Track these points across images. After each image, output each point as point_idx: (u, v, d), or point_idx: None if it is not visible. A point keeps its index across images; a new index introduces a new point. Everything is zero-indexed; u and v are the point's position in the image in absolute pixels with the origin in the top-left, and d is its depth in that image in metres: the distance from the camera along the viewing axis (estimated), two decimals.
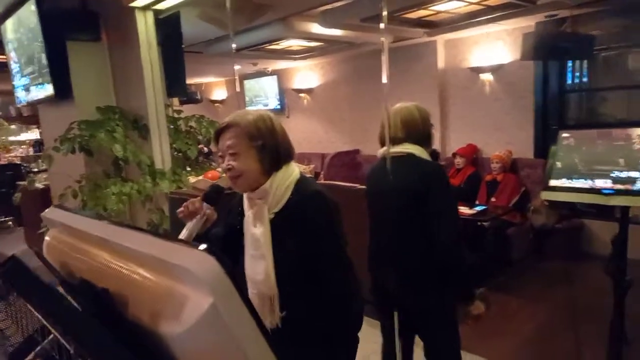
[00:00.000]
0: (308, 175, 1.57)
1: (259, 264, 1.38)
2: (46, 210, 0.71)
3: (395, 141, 1.91)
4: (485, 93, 5.42)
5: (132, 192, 2.67)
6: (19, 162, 8.23)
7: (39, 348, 0.56)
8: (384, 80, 2.08)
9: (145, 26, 2.85)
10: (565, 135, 2.08)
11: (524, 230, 4.70)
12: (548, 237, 4.72)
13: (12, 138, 9.22)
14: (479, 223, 4.44)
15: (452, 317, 2.02)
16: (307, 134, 7.62)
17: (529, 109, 5.08)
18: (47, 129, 3.67)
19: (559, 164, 2.09)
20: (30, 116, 8.81)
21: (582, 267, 4.50)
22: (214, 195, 1.37)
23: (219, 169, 2.35)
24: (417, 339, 2.15)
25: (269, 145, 1.36)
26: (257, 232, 1.38)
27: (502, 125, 5.33)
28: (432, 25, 4.80)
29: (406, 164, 1.87)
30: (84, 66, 3.05)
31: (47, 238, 0.73)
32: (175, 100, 3.96)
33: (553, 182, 2.09)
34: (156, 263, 0.46)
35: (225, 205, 1.59)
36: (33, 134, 9.45)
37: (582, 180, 2.00)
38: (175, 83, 3.43)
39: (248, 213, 1.43)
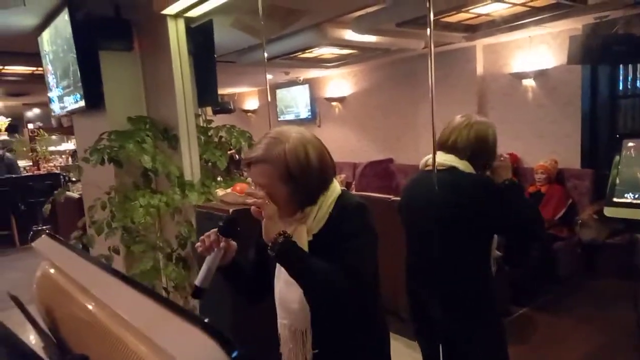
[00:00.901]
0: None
1: (294, 292, 1.25)
2: (37, 240, 0.60)
3: (447, 149, 1.76)
4: (528, 99, 5.15)
5: (161, 205, 2.60)
6: (58, 172, 8.44)
7: None
8: (431, 86, 1.92)
9: (177, 34, 2.79)
10: (631, 144, 1.86)
11: (571, 245, 4.40)
12: (598, 252, 4.39)
13: (52, 148, 9.50)
14: None
15: (502, 344, 1.85)
16: (338, 143, 7.48)
17: (575, 116, 4.78)
18: (80, 139, 3.68)
19: (621, 177, 1.87)
20: (69, 127, 9.06)
21: (639, 285, 4.15)
22: (228, 228, 1.26)
23: (249, 180, 2.24)
24: None
25: (302, 185, 1.23)
26: None
27: (545, 133, 5.05)
28: (472, 30, 4.59)
29: (451, 178, 1.72)
30: (116, 76, 3.02)
31: (39, 272, 0.62)
32: (209, 110, 3.90)
33: (617, 198, 1.87)
34: (148, 341, 0.33)
35: (255, 225, 1.47)
36: (72, 144, 9.73)
37: None
38: (206, 92, 3.37)
39: None
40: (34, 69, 5.04)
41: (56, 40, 3.15)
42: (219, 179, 3.08)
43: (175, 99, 2.78)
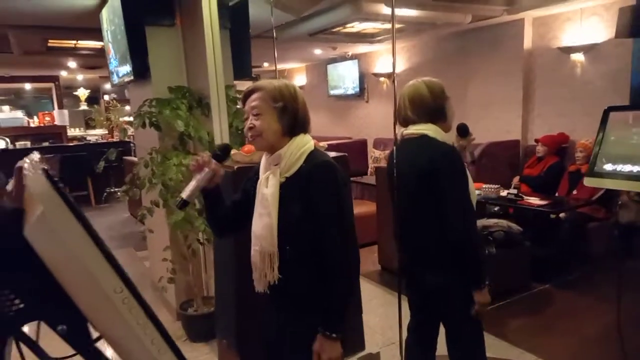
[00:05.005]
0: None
1: (264, 221, 1.48)
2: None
3: (408, 121, 1.90)
4: (576, 75, 4.96)
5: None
6: (128, 140, 9.23)
7: None
8: (393, 65, 2.05)
9: (210, 12, 3.06)
10: (613, 116, 1.90)
11: (608, 226, 4.28)
12: (637, 236, 4.24)
13: (125, 118, 10.36)
14: (552, 215, 4.14)
15: (472, 300, 1.97)
16: (386, 120, 7.55)
17: (624, 93, 4.55)
18: (133, 105, 4.14)
19: (605, 148, 1.92)
20: None
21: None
22: (219, 153, 1.51)
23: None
24: None
25: (290, 109, 1.48)
26: (266, 192, 1.48)
27: (593, 110, 4.84)
28: (518, 2, 4.48)
29: (419, 145, 1.85)
30: (160, 49, 3.37)
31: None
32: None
33: (597, 168, 1.93)
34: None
35: (244, 177, 1.73)
36: None
37: (629, 165, 1.82)
38: (241, 66, 3.67)
39: (262, 176, 1.54)
40: (103, 43, 5.58)
41: (113, 17, 3.56)
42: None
43: (207, 71, 3.07)
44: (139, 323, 0.58)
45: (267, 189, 1.49)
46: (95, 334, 0.66)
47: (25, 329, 0.67)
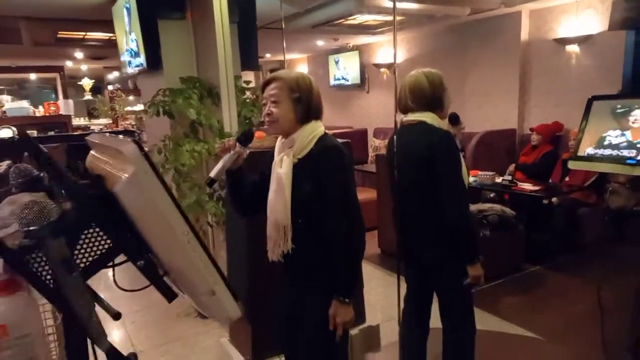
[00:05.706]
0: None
1: (278, 197, 1.66)
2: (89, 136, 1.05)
3: (407, 109, 2.06)
4: (571, 66, 5.12)
5: (202, 151, 3.12)
6: (133, 129, 9.39)
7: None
8: (394, 56, 2.20)
9: (220, 5, 3.22)
10: (596, 104, 2.08)
11: (598, 212, 4.47)
12: (627, 220, 4.43)
13: (129, 108, 10.49)
14: (544, 201, 4.32)
15: (464, 273, 2.13)
16: (386, 109, 7.71)
17: (617, 84, 4.72)
18: (144, 96, 4.31)
19: (587, 133, 2.10)
20: None
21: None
22: (243, 137, 1.68)
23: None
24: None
25: (304, 99, 1.65)
26: (280, 172, 1.66)
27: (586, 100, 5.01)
28: None
29: (417, 131, 2.02)
30: (172, 41, 3.53)
31: (87, 161, 1.08)
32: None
33: (580, 152, 2.11)
34: (116, 153, 0.77)
35: (261, 160, 1.90)
36: None
37: (609, 150, 2.00)
38: (248, 57, 3.83)
39: (277, 157, 1.71)
40: (111, 35, 5.71)
41: (125, 9, 3.72)
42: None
43: (217, 62, 3.24)
44: (200, 259, 0.76)
45: (282, 169, 1.67)
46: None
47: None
